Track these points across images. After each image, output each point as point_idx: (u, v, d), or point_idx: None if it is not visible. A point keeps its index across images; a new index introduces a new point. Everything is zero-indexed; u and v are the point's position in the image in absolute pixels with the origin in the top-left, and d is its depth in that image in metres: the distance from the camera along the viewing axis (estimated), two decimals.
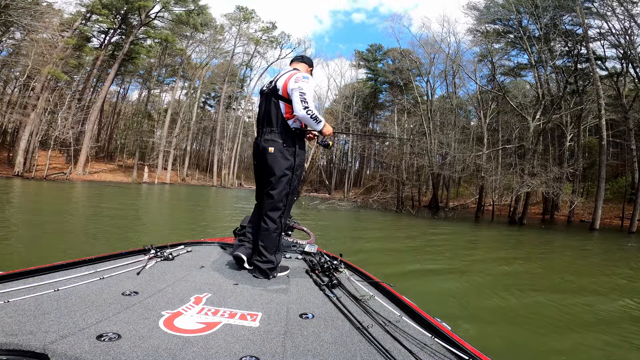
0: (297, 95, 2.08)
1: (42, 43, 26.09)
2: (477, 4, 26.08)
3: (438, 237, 10.90)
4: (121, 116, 48.24)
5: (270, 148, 2.13)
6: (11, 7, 22.33)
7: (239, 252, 2.15)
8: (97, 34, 36.48)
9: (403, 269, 5.66)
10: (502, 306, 4.05)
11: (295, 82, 2.11)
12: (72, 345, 0.98)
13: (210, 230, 8.43)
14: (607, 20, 18.84)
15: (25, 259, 4.36)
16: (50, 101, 29.21)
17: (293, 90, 2.10)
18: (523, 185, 17.29)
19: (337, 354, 1.11)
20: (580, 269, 7.07)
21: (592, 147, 27.12)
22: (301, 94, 2.07)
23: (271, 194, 2.14)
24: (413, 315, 1.49)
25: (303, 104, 2.07)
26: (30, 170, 27.39)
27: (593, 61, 17.88)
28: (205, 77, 47.21)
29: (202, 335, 1.15)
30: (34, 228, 6.89)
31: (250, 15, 46.88)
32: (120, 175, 36.49)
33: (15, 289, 1.37)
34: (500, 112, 26.10)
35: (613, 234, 15.53)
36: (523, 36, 20.85)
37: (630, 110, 18.53)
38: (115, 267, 1.84)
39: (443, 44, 28.78)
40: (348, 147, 51.13)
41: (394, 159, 29.24)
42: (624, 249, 10.77)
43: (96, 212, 10.70)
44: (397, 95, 39.48)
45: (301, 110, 2.07)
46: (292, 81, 2.13)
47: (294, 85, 2.11)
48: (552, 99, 19.78)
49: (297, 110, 2.09)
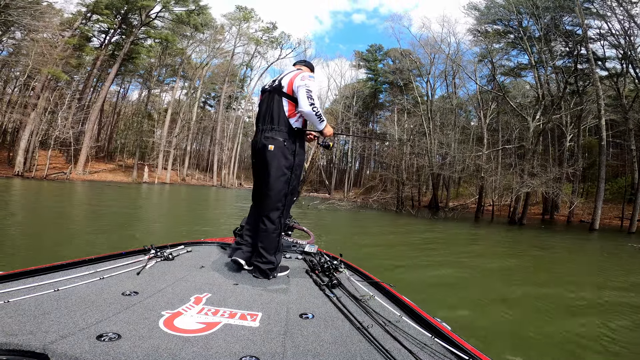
0: (303, 92, 2.09)
1: (42, 43, 26.09)
2: (477, 4, 26.13)
3: (437, 237, 10.90)
4: (121, 116, 48.25)
5: (270, 146, 2.10)
6: (11, 6, 22.31)
7: (237, 256, 2.13)
8: (98, 34, 36.55)
9: (402, 268, 5.69)
10: (494, 298, 4.32)
11: (301, 80, 2.13)
12: (72, 345, 0.98)
13: (210, 230, 8.43)
14: (606, 20, 18.87)
15: (25, 259, 4.36)
16: (50, 101, 29.21)
17: (299, 87, 2.11)
18: (523, 186, 17.29)
19: (337, 354, 1.11)
20: (573, 268, 7.08)
21: (592, 147, 27.10)
22: (308, 90, 2.09)
23: (270, 194, 2.11)
24: (413, 315, 1.49)
25: (309, 100, 2.08)
26: (30, 170, 27.40)
27: (593, 62, 17.88)
28: (205, 77, 47.23)
29: (202, 335, 1.15)
30: (34, 228, 6.90)
31: (250, 15, 46.89)
32: (120, 175, 36.49)
33: (15, 289, 1.37)
34: (500, 112, 26.10)
35: (612, 234, 15.53)
36: (523, 36, 20.86)
37: (630, 110, 18.55)
38: (115, 267, 1.84)
39: (443, 44, 28.83)
40: (348, 147, 51.19)
41: (394, 159, 29.25)
42: (618, 250, 10.75)
43: (96, 211, 10.70)
44: (397, 96, 39.51)
45: (307, 107, 2.08)
46: (298, 79, 2.14)
47: (300, 82, 2.12)
48: (552, 100, 19.79)
49: (303, 106, 2.09)
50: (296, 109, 2.16)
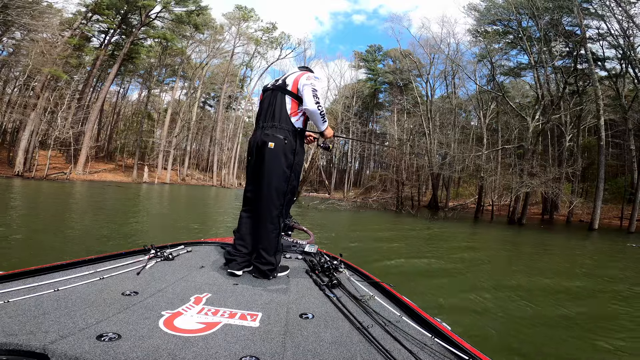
0: (309, 91, 2.10)
1: (42, 43, 26.06)
2: (477, 5, 26.14)
3: (436, 235, 10.91)
4: (121, 116, 48.24)
5: (271, 143, 2.05)
6: (10, 6, 22.28)
7: (233, 269, 2.03)
8: (98, 34, 36.53)
9: (400, 266, 5.71)
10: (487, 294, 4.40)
11: (307, 80, 2.14)
12: (72, 345, 0.98)
13: (210, 230, 8.43)
14: (605, 21, 18.86)
15: (25, 259, 4.36)
16: (50, 101, 29.19)
17: (305, 86, 2.12)
18: (522, 186, 17.31)
19: (337, 354, 1.11)
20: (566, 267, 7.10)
21: (592, 147, 27.10)
22: (314, 89, 2.11)
23: (269, 193, 2.07)
24: (413, 315, 1.49)
25: (315, 99, 2.10)
26: (30, 170, 27.38)
27: (592, 62, 17.89)
28: (205, 77, 47.22)
29: (202, 335, 1.15)
30: (34, 228, 6.89)
31: (249, 15, 46.86)
32: (120, 175, 36.49)
33: (15, 289, 1.37)
34: (500, 112, 26.12)
35: (612, 234, 15.53)
36: (523, 37, 20.87)
37: (629, 110, 18.55)
38: (115, 267, 1.84)
39: (442, 44, 28.85)
40: (348, 147, 51.17)
41: (393, 159, 29.27)
42: (612, 249, 10.76)
43: (96, 212, 10.70)
44: (397, 96, 39.51)
45: (313, 105, 2.09)
46: (304, 78, 2.16)
47: (305, 81, 2.13)
48: (552, 100, 19.80)
49: (309, 105, 2.10)
50: (299, 107, 2.15)
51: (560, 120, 22.68)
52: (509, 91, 26.74)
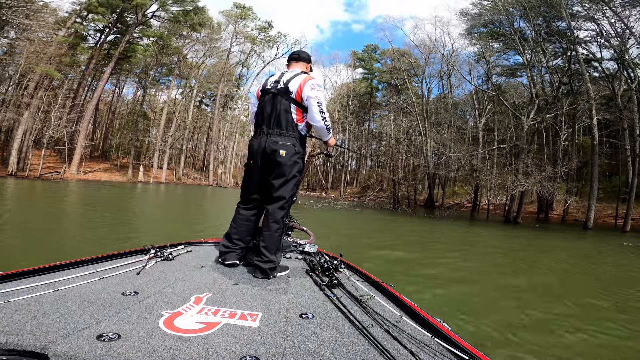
0: (315, 105, 2.12)
1: (37, 42, 25.81)
2: (468, 11, 26.20)
3: (434, 235, 10.95)
4: (116, 115, 47.89)
5: (282, 151, 2.10)
6: (4, 5, 22.04)
7: (231, 259, 2.16)
8: (93, 33, 36.19)
9: (398, 265, 5.71)
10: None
11: (311, 90, 2.15)
12: (72, 345, 0.98)
13: (210, 230, 8.41)
14: (597, 22, 18.96)
15: (25, 259, 4.32)
16: (44, 100, 28.93)
17: (310, 99, 2.13)
18: (517, 185, 17.42)
19: (337, 354, 1.11)
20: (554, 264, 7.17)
21: (586, 146, 27.30)
22: (319, 103, 2.13)
23: (281, 196, 2.14)
24: (413, 315, 1.50)
25: (321, 115, 2.14)
26: (24, 169, 27.12)
27: (582, 63, 18.04)
28: (201, 76, 46.99)
29: (202, 335, 1.15)
30: (32, 228, 6.83)
31: (247, 13, 46.63)
32: (115, 174, 36.24)
33: (15, 289, 1.37)
34: (496, 112, 26.25)
35: (606, 232, 15.67)
36: (515, 38, 20.93)
37: (624, 110, 18.69)
38: (115, 267, 1.83)
39: (437, 44, 28.92)
40: (345, 146, 51.16)
41: (390, 159, 29.33)
42: (604, 248, 10.85)
43: (92, 211, 10.62)
44: (393, 95, 39.56)
45: (320, 121, 2.15)
46: (307, 87, 2.15)
47: (310, 92, 2.14)
48: (546, 99, 19.92)
49: (315, 120, 2.15)
50: (304, 115, 2.19)
51: (555, 120, 22.81)
52: (505, 91, 26.85)
